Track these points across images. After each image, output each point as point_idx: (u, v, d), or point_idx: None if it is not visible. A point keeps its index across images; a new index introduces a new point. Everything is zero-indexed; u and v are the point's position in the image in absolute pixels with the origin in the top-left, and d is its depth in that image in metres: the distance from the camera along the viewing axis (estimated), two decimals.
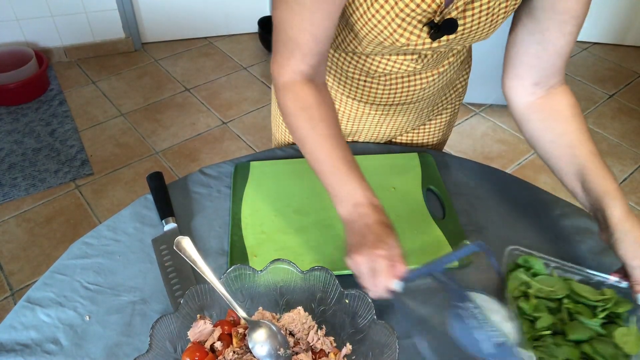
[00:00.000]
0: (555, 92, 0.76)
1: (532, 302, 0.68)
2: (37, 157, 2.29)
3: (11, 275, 1.82)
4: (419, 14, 0.66)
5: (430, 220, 0.83)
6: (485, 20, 0.69)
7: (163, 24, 3.06)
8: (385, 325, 0.59)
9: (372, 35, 0.70)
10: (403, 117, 0.95)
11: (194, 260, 0.63)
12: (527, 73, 0.75)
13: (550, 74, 0.74)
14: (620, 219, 0.66)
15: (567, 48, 0.72)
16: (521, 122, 0.79)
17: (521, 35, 0.73)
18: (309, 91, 0.70)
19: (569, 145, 0.73)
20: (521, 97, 0.77)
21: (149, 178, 0.88)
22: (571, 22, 0.69)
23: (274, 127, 1.08)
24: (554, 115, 0.75)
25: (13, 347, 0.66)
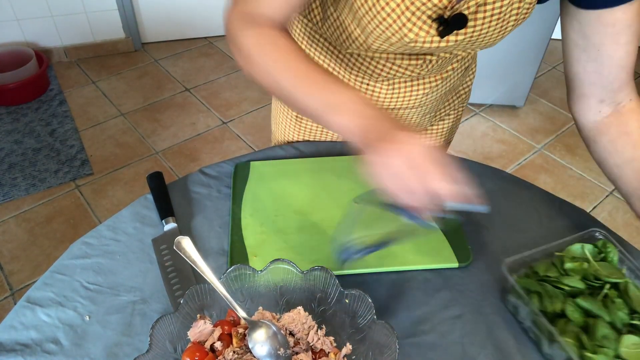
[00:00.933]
0: (624, 111, 0.72)
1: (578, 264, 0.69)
2: (37, 157, 2.29)
3: (11, 275, 1.82)
4: (429, 9, 0.65)
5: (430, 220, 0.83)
6: (495, 25, 0.68)
7: (163, 24, 3.06)
8: (385, 325, 0.59)
9: (379, 29, 0.68)
10: (405, 121, 0.95)
11: (194, 260, 0.63)
12: (590, 91, 0.72)
13: (616, 88, 0.71)
14: None
15: (628, 59, 0.68)
16: (589, 144, 0.76)
17: (576, 54, 0.71)
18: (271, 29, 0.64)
19: (637, 170, 0.70)
20: (588, 117, 0.74)
21: (149, 178, 0.88)
22: (625, 32, 0.65)
23: (274, 126, 1.08)
24: (622, 138, 0.71)
25: (13, 347, 0.66)
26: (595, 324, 0.63)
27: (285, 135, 1.05)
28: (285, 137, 1.06)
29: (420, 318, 0.70)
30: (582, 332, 0.63)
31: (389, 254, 0.77)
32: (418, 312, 0.71)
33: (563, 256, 0.71)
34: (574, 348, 0.61)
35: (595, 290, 0.68)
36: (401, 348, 0.66)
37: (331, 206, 0.85)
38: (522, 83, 2.51)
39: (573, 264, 0.70)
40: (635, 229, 2.07)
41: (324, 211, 0.84)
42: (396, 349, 0.56)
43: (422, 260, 0.76)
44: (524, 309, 0.68)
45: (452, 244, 0.79)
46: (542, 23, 2.25)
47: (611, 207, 2.15)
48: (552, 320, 0.65)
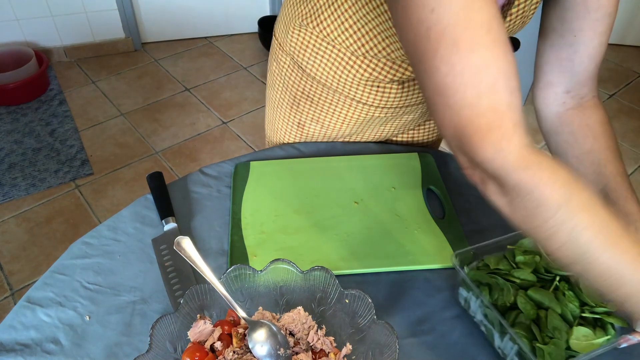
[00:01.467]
0: (587, 106, 0.73)
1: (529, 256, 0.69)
2: (37, 157, 2.29)
3: (11, 275, 1.82)
4: None
5: (430, 220, 0.83)
6: (520, 23, 0.68)
7: (163, 24, 3.06)
8: (385, 325, 0.59)
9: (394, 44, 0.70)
10: (408, 116, 0.95)
11: (194, 260, 0.63)
12: (559, 79, 0.73)
13: (583, 80, 0.72)
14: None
15: (600, 49, 0.69)
16: (549, 134, 0.76)
17: (552, 40, 0.71)
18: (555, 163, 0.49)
19: (595, 163, 0.70)
20: (552, 107, 0.75)
21: (149, 178, 0.88)
22: (604, 21, 0.66)
23: (270, 132, 1.07)
24: (583, 130, 0.72)
25: (13, 347, 0.66)
26: (546, 315, 0.63)
27: (284, 140, 1.05)
28: (280, 140, 1.05)
29: (420, 318, 0.70)
30: (534, 324, 0.63)
31: (389, 254, 0.77)
32: (418, 312, 0.71)
33: (514, 249, 0.71)
34: (525, 340, 0.61)
35: (547, 283, 0.68)
36: (401, 348, 0.66)
37: (331, 206, 0.85)
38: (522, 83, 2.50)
39: (524, 257, 0.69)
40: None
41: (324, 211, 0.84)
42: (396, 349, 0.56)
43: (422, 260, 0.76)
44: (474, 303, 0.68)
45: (452, 244, 0.79)
46: None
47: None
48: (504, 313, 0.65)
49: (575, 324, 0.63)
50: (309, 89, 0.90)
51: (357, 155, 0.95)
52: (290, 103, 0.97)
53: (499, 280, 0.67)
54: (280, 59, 0.93)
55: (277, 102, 1.00)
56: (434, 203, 0.88)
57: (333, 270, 0.72)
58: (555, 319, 0.63)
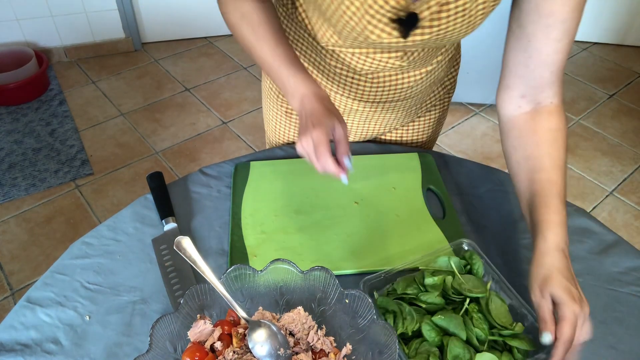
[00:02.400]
0: (542, 111, 0.71)
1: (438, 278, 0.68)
2: (37, 157, 2.29)
3: (11, 275, 1.82)
4: (387, 11, 0.65)
5: (430, 220, 0.83)
6: (462, 21, 0.67)
7: (163, 24, 3.06)
8: (385, 325, 0.59)
9: (346, 30, 0.71)
10: (391, 114, 0.95)
11: (194, 260, 0.63)
12: (514, 83, 0.72)
13: (538, 86, 0.70)
14: (545, 251, 0.62)
15: (555, 57, 0.67)
16: (502, 136, 0.76)
17: (510, 42, 0.70)
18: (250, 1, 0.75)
19: (531, 170, 0.69)
20: (507, 110, 0.74)
21: (149, 178, 0.88)
22: (557, 27, 0.64)
23: (267, 126, 1.08)
24: (529, 136, 0.71)
25: (13, 347, 0.66)
26: (448, 343, 0.62)
27: (277, 133, 1.05)
28: (277, 136, 1.06)
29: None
30: (438, 351, 0.62)
31: (389, 254, 0.77)
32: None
33: (424, 270, 0.70)
34: None
35: (458, 304, 0.68)
36: None
37: (331, 206, 0.85)
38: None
39: (433, 279, 0.68)
40: (635, 229, 2.07)
41: (324, 211, 0.84)
42: (396, 349, 0.56)
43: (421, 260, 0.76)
44: None
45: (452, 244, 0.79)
46: None
47: (611, 207, 2.16)
48: (410, 340, 0.64)
49: (485, 347, 0.62)
50: None
51: (357, 155, 0.95)
52: (276, 92, 0.99)
53: (403, 307, 0.66)
54: None
55: (267, 92, 1.03)
56: (434, 203, 0.88)
57: (333, 270, 0.72)
58: (456, 347, 0.61)
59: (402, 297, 0.69)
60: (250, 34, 0.75)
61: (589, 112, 2.67)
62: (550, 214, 0.64)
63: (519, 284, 0.75)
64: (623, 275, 0.77)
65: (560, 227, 0.63)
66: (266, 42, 0.74)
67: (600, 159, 2.39)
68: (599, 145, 2.47)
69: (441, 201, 0.87)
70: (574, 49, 3.13)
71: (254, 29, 0.75)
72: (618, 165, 2.36)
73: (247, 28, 0.75)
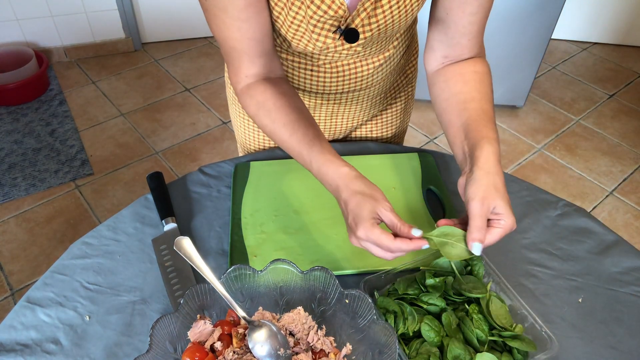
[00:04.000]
0: (465, 61, 0.77)
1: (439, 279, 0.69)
2: (37, 157, 2.29)
3: (11, 275, 1.82)
4: (328, 19, 0.68)
5: (430, 220, 0.83)
6: (399, 14, 0.70)
7: (163, 24, 3.06)
8: (385, 325, 0.59)
9: (295, 40, 0.73)
10: (356, 105, 0.96)
11: (194, 260, 0.63)
12: (437, 46, 0.78)
13: (459, 50, 0.76)
14: (487, 160, 0.64)
15: (471, 28, 0.74)
16: (430, 87, 0.81)
17: (431, 11, 0.77)
18: (262, 87, 0.74)
19: (462, 101, 0.73)
20: (432, 67, 0.80)
21: (149, 178, 0.88)
22: (472, 3, 0.70)
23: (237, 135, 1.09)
24: (455, 77, 0.76)
25: (13, 347, 0.66)
26: (448, 343, 0.62)
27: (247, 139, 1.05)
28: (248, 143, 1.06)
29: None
30: (439, 352, 0.62)
31: None
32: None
33: (426, 271, 0.70)
34: None
35: (458, 305, 0.68)
36: None
37: (331, 206, 0.85)
38: (522, 83, 2.51)
39: (435, 280, 0.68)
40: (636, 229, 2.07)
41: (324, 211, 0.84)
42: (396, 349, 0.56)
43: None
44: None
45: None
46: (542, 23, 2.25)
47: (611, 207, 2.16)
48: (410, 340, 0.64)
49: (485, 348, 0.63)
50: None
51: (357, 155, 0.95)
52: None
53: (404, 308, 0.66)
54: None
55: (232, 98, 1.04)
56: (434, 203, 0.88)
57: (333, 270, 0.72)
58: (456, 347, 0.62)
59: (403, 298, 0.69)
60: (269, 122, 0.73)
61: (589, 112, 2.67)
62: (488, 132, 0.68)
63: (519, 285, 0.75)
64: (623, 275, 0.77)
65: (497, 144, 0.67)
66: (284, 127, 0.72)
67: (600, 159, 2.39)
68: (599, 145, 2.47)
69: (441, 201, 0.87)
70: (573, 49, 3.13)
71: (270, 117, 0.73)
72: (618, 165, 2.36)
73: (265, 117, 0.73)
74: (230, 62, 0.75)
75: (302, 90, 0.91)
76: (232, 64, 0.75)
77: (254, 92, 0.74)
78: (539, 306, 0.73)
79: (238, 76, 0.75)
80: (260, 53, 0.72)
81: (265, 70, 0.75)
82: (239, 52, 0.72)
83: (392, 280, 0.71)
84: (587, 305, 0.73)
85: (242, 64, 0.73)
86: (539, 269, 0.78)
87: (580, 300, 0.74)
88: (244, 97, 0.75)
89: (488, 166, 0.64)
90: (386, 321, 0.64)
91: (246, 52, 0.72)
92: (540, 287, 0.75)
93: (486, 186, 0.62)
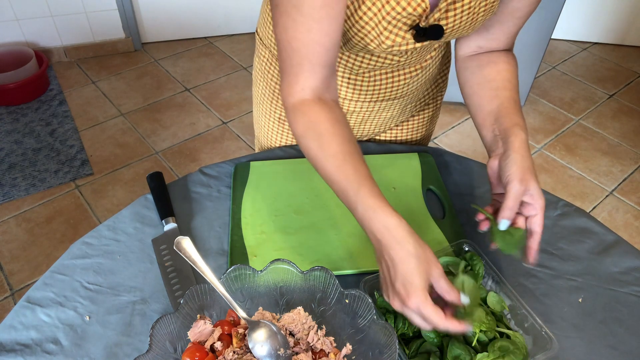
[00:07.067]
0: (499, 52, 0.80)
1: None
2: (37, 157, 2.29)
3: (11, 275, 1.82)
4: (404, 17, 0.67)
5: (430, 220, 0.83)
6: (467, 19, 0.70)
7: (163, 24, 3.06)
8: (385, 325, 0.59)
9: (358, 37, 0.71)
10: (387, 113, 0.95)
11: (194, 260, 0.63)
12: (474, 37, 0.80)
13: (495, 43, 0.80)
14: (521, 145, 0.68)
15: (514, 29, 0.78)
16: (459, 70, 0.83)
17: None
18: (318, 108, 0.67)
19: (494, 88, 0.77)
20: (464, 52, 0.83)
21: (149, 178, 0.88)
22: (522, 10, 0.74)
23: (257, 131, 1.08)
24: (490, 65, 0.79)
25: (13, 347, 0.66)
26: (448, 343, 0.62)
27: (268, 138, 1.05)
28: (268, 141, 1.05)
29: None
30: (439, 352, 0.62)
31: None
32: None
33: None
34: None
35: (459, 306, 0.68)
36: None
37: (331, 206, 0.85)
38: (522, 83, 2.51)
39: None
40: (636, 229, 2.07)
41: (324, 211, 0.84)
42: (396, 349, 0.56)
43: None
44: None
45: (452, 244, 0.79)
46: (542, 23, 2.25)
47: (611, 207, 2.16)
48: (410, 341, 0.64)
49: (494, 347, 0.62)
50: None
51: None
52: (270, 98, 0.98)
53: None
54: (260, 53, 0.94)
55: (260, 98, 1.01)
56: (434, 203, 0.88)
57: (333, 270, 0.72)
58: (456, 347, 0.62)
59: None
60: (316, 147, 0.66)
61: (589, 112, 2.67)
62: (520, 120, 0.72)
63: (519, 285, 0.75)
64: (623, 275, 0.77)
65: (527, 131, 0.71)
66: (333, 157, 0.65)
67: (600, 159, 2.39)
68: (599, 145, 2.47)
69: (441, 201, 0.87)
70: (573, 49, 3.13)
71: (319, 141, 0.66)
72: (618, 165, 2.36)
73: (313, 140, 0.66)
74: (287, 69, 0.67)
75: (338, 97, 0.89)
76: (290, 72, 0.67)
77: (307, 110, 0.67)
78: (539, 306, 0.73)
79: (293, 87, 0.68)
80: (324, 63, 0.66)
81: (324, 86, 0.68)
82: (302, 56, 0.65)
83: None
84: (587, 305, 0.73)
85: (302, 71, 0.66)
86: (539, 269, 0.78)
87: (580, 300, 0.74)
88: (295, 114, 0.68)
89: (523, 150, 0.67)
90: (386, 321, 0.64)
91: (309, 58, 0.65)
92: (540, 287, 0.75)
93: (524, 168, 0.66)
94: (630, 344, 0.69)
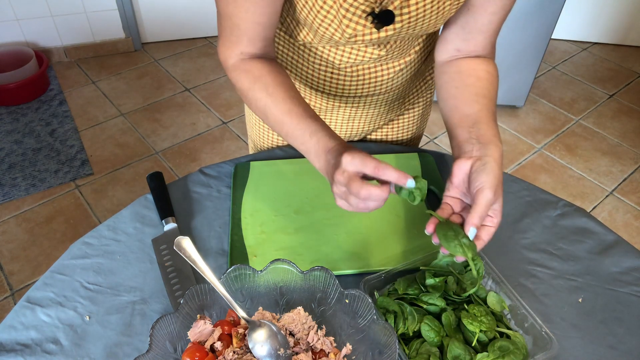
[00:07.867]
0: (479, 59, 0.79)
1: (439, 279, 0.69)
2: (37, 157, 2.29)
3: (11, 275, 1.82)
4: (361, 4, 0.67)
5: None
6: (431, 9, 0.70)
7: (163, 24, 3.06)
8: (385, 325, 0.59)
9: (322, 28, 0.72)
10: (374, 109, 0.95)
11: (194, 260, 0.63)
12: (452, 38, 0.79)
13: (472, 45, 0.78)
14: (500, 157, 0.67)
15: (490, 27, 0.76)
16: (437, 75, 0.82)
17: None
18: (259, 64, 0.74)
19: (474, 93, 0.75)
20: (443, 57, 0.81)
21: (149, 178, 0.88)
22: (496, 3, 0.72)
23: (250, 132, 1.08)
24: (469, 71, 0.77)
25: (13, 347, 0.66)
26: (448, 343, 0.62)
27: (261, 137, 1.05)
28: (262, 141, 1.06)
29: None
30: (439, 352, 0.62)
31: (389, 254, 0.77)
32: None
33: (426, 271, 0.70)
34: None
35: (459, 305, 0.68)
36: None
37: (331, 206, 0.85)
38: (522, 83, 2.51)
39: (435, 280, 0.68)
40: (636, 229, 2.07)
41: (324, 211, 0.84)
42: (396, 349, 0.56)
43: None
44: None
45: None
46: (542, 23, 2.25)
47: (611, 207, 2.16)
48: (410, 341, 0.64)
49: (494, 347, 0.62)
50: None
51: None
52: None
53: (404, 307, 0.66)
54: None
55: None
56: (434, 203, 0.88)
57: (333, 270, 0.72)
58: (457, 347, 0.62)
59: (403, 298, 0.69)
60: (265, 96, 0.72)
61: (589, 112, 2.67)
62: (497, 132, 0.71)
63: (519, 285, 0.75)
64: (623, 275, 0.77)
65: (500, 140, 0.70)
66: (282, 102, 0.71)
67: (600, 159, 2.39)
68: (599, 145, 2.47)
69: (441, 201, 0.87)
70: (573, 49, 3.13)
71: (269, 92, 0.72)
72: (618, 165, 2.36)
73: (262, 91, 0.73)
74: (226, 36, 0.73)
75: (320, 92, 0.90)
76: (229, 39, 0.73)
77: (249, 67, 0.74)
78: (539, 306, 0.73)
79: (233, 51, 0.74)
80: (262, 37, 0.72)
81: (262, 53, 0.75)
82: (241, 31, 0.71)
83: (392, 280, 0.71)
84: (587, 305, 0.73)
85: (241, 41, 0.73)
86: (539, 269, 0.78)
87: (580, 300, 0.74)
88: (237, 72, 0.74)
89: (500, 163, 0.67)
90: (386, 321, 0.64)
91: (248, 34, 0.71)
92: (540, 287, 0.75)
93: (499, 180, 0.65)
94: (630, 344, 0.69)
